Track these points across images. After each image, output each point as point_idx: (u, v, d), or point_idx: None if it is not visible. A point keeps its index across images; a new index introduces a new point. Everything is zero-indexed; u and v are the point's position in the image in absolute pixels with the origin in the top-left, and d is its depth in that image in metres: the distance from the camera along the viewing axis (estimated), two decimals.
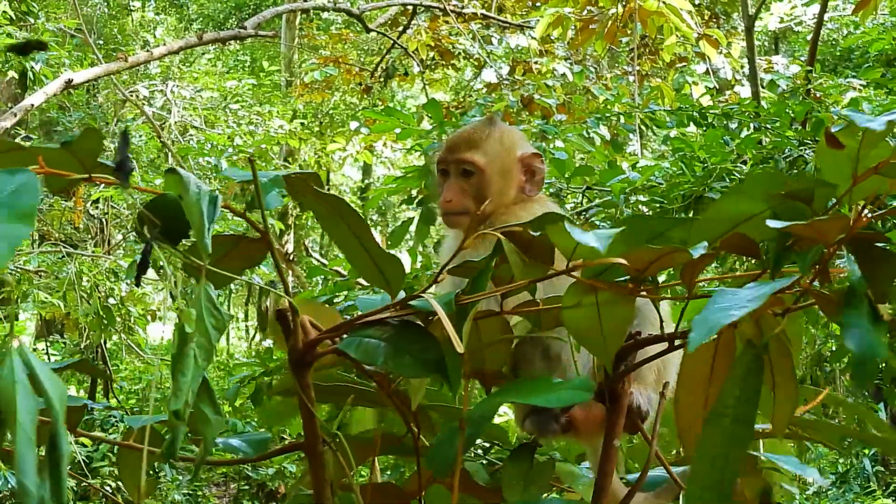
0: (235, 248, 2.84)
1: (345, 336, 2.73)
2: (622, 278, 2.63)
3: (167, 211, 2.43)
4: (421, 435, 3.02)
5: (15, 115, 15.40)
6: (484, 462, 3.67)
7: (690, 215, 8.92)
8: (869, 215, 2.43)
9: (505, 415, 7.05)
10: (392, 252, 2.76)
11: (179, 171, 2.38)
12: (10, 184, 2.06)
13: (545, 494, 3.20)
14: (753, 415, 2.25)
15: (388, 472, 9.20)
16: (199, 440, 2.55)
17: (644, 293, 2.65)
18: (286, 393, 3.28)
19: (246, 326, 38.25)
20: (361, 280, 9.00)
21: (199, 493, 20.22)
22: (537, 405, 3.44)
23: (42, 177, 2.46)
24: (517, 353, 3.68)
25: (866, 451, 16.94)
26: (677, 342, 2.78)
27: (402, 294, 2.76)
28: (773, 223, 2.43)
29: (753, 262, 2.61)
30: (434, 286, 2.92)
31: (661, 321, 2.87)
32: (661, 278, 2.78)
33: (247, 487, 20.66)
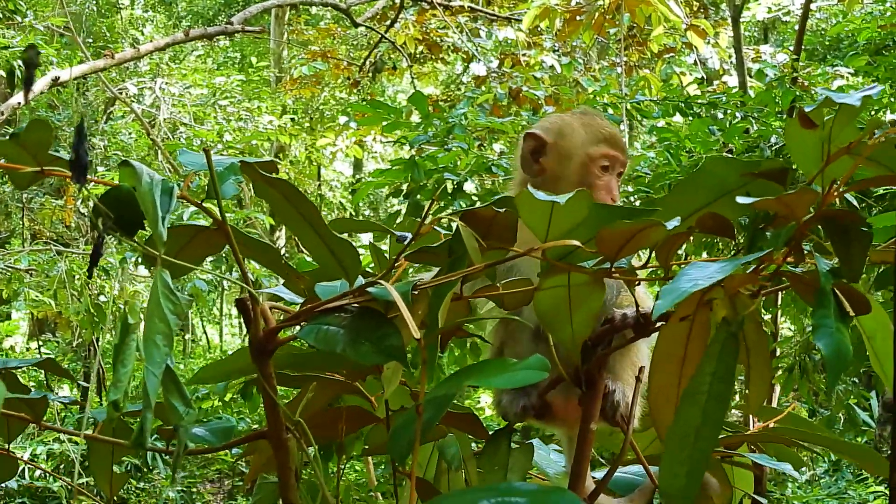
0: (195, 237, 2.85)
1: (304, 324, 2.73)
2: (594, 261, 2.64)
3: (123, 202, 2.43)
4: None
5: (2, 114, 15.39)
6: None
7: None
8: (839, 192, 2.43)
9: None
10: (345, 237, 2.75)
11: (133, 162, 2.39)
12: None
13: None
14: (728, 392, 2.25)
15: (382, 467, 9.22)
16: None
17: (617, 275, 2.66)
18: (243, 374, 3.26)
19: (239, 322, 38.28)
20: None
21: (194, 489, 20.21)
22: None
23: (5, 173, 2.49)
24: (505, 332, 3.69)
25: (859, 440, 16.96)
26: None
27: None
28: (742, 199, 2.43)
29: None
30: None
31: (637, 306, 2.87)
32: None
33: (241, 483, 20.65)
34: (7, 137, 2.47)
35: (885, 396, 14.79)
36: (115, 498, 3.49)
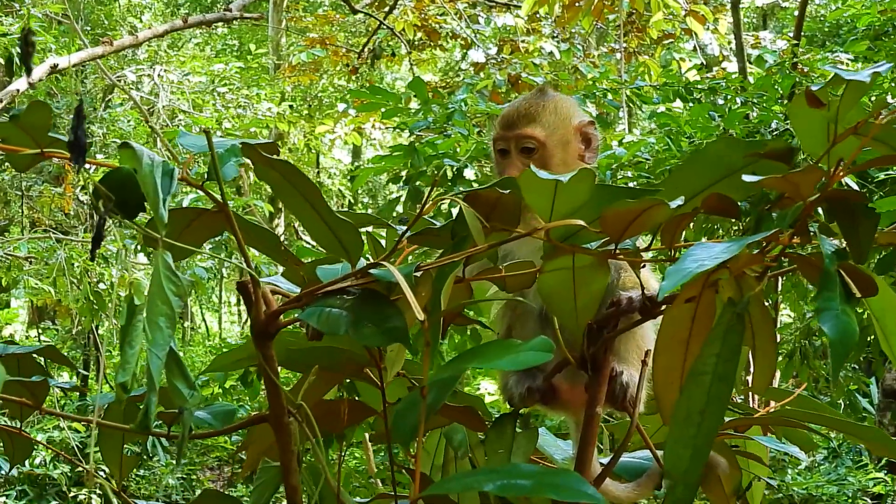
0: (196, 220, 2.84)
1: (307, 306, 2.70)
2: (598, 242, 2.62)
3: (123, 185, 2.41)
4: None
5: (1, 101, 15.35)
6: None
7: None
8: (845, 171, 2.41)
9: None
10: (347, 219, 2.72)
11: (133, 144, 2.37)
12: None
13: None
14: (733, 373, 2.23)
15: (382, 454, 9.19)
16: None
17: (622, 257, 2.64)
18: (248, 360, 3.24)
19: (238, 310, 38.31)
20: None
21: (193, 476, 20.22)
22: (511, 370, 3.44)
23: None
24: (512, 316, 3.67)
25: None
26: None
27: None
28: (748, 177, 2.41)
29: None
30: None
31: (643, 288, 2.85)
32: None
33: (240, 470, 20.64)
34: (8, 120, 2.44)
35: (885, 382, 14.77)
36: (117, 484, 3.49)
